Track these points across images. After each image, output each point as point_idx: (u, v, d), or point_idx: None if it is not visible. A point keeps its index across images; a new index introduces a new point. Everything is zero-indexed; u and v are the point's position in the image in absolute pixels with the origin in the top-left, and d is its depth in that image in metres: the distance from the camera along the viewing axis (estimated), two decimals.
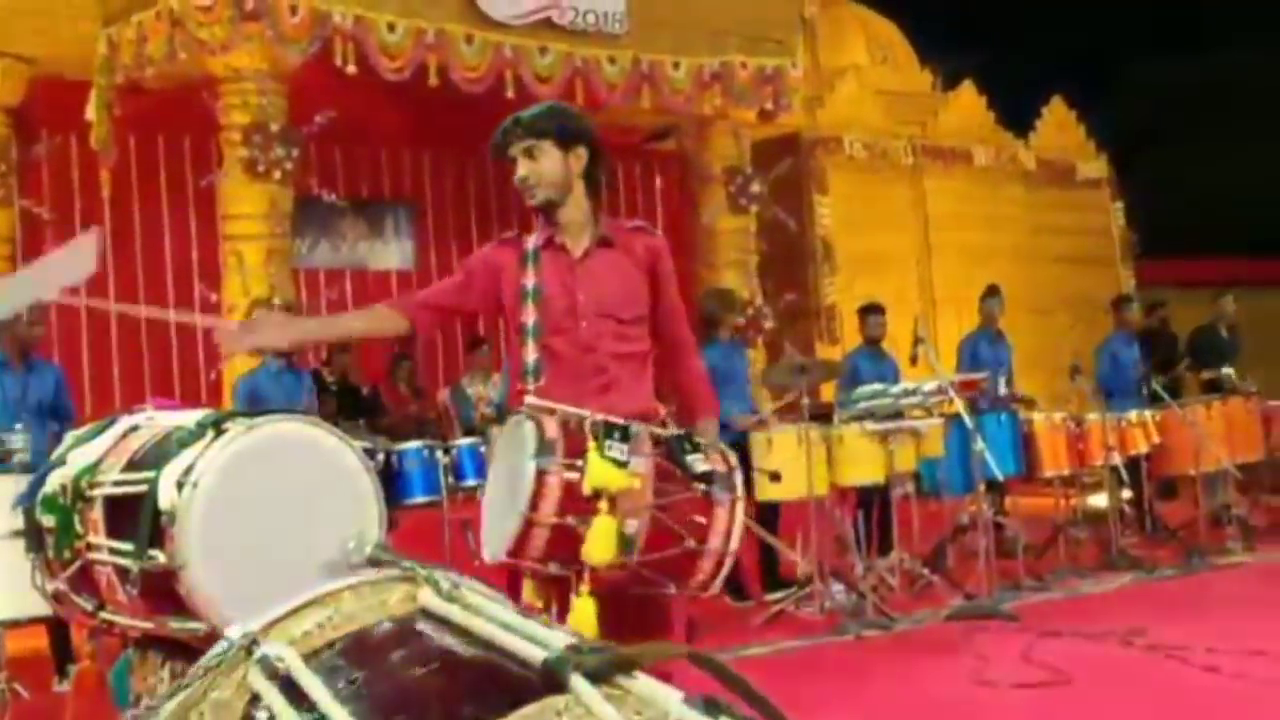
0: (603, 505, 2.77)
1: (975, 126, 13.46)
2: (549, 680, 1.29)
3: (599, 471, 2.78)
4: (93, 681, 4.02)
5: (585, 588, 2.81)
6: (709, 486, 2.87)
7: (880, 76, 13.49)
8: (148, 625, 2.78)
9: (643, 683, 1.29)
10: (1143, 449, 8.20)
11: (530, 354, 3.20)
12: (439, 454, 6.57)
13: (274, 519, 2.68)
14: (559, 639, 1.39)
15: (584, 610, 2.80)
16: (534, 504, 2.76)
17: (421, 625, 1.58)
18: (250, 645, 1.56)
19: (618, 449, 2.83)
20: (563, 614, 2.81)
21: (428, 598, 1.61)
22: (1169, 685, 5.18)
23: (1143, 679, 5.29)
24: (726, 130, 10.73)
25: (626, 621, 2.86)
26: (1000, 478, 7.14)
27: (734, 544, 2.85)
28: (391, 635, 1.58)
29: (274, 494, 2.72)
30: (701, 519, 2.86)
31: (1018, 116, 14.18)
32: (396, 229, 11.18)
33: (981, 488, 7.06)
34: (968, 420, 6.78)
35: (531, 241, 3.31)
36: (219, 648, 1.59)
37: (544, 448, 2.80)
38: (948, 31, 14.76)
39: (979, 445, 6.71)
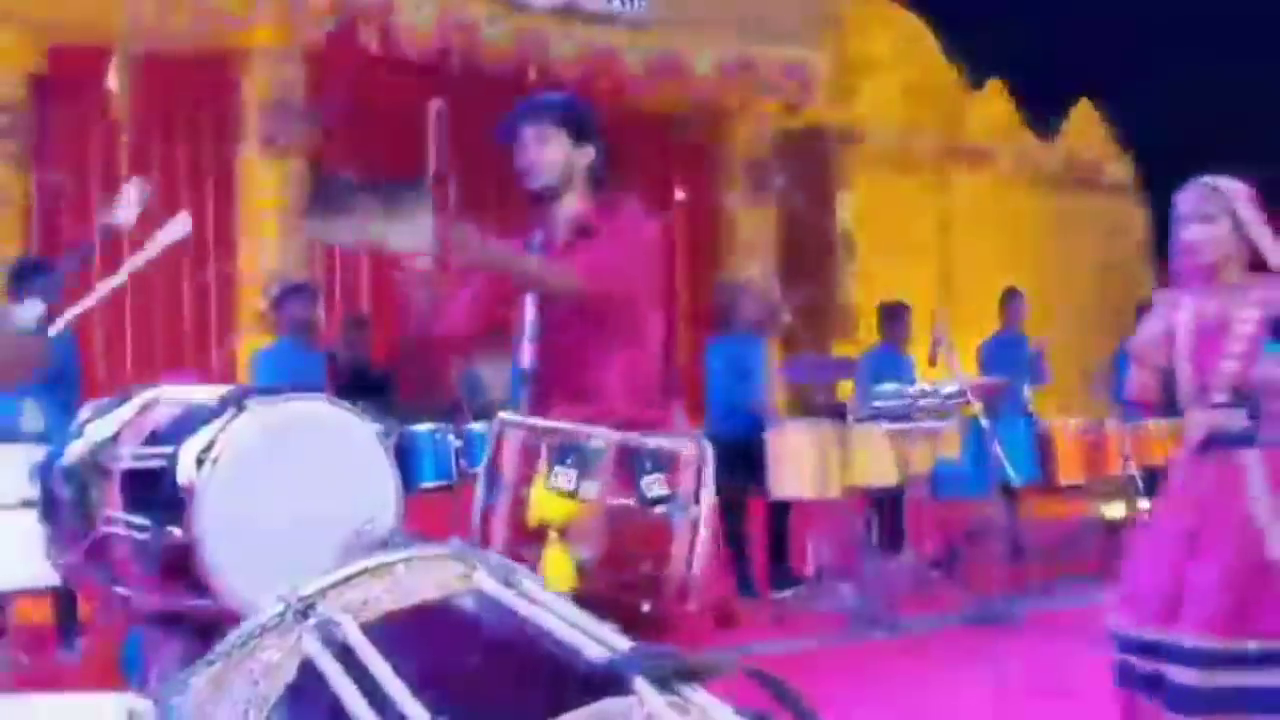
0: (552, 535, 2.73)
1: (1001, 126, 13.35)
2: (613, 681, 1.25)
3: (542, 504, 2.74)
4: (102, 653, 4.01)
5: None
6: (665, 509, 2.78)
7: (905, 71, 13.37)
8: (162, 601, 2.75)
9: (701, 694, 1.27)
10: (1160, 459, 8.10)
11: (526, 356, 3.14)
12: (451, 437, 6.52)
13: (291, 498, 2.68)
14: (621, 641, 1.35)
15: None
16: (485, 538, 2.74)
17: (480, 608, 1.53)
18: (307, 609, 1.49)
19: (565, 476, 2.74)
20: None
21: (484, 580, 1.56)
22: None
23: None
24: (749, 121, 10.65)
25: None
26: (1016, 483, 7.07)
27: (695, 567, 2.76)
28: (452, 616, 1.54)
29: (292, 473, 2.72)
30: (659, 544, 2.77)
31: (1044, 117, 14.06)
32: (413, 209, 11.12)
33: (997, 492, 6.99)
34: (985, 424, 6.71)
35: (537, 239, 3.30)
36: (274, 607, 1.52)
37: (492, 479, 2.78)
38: (975, 26, 14.61)
39: (996, 449, 6.64)
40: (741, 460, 6.34)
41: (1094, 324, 12.32)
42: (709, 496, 2.82)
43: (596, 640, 1.34)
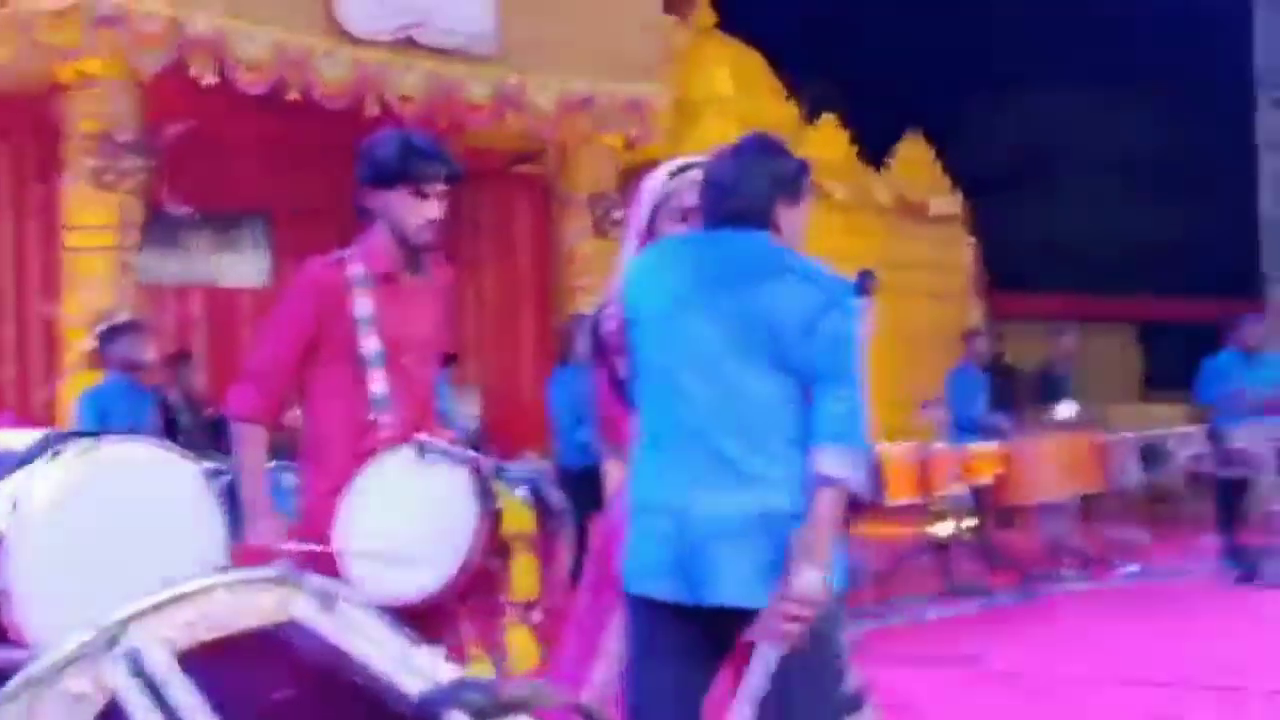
0: (518, 545, 2.93)
1: (836, 160, 13.74)
2: (427, 713, 1.27)
3: (518, 515, 2.90)
4: None
5: (512, 620, 2.92)
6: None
7: (744, 107, 13.67)
8: None
9: None
10: (986, 479, 8.43)
11: (378, 385, 3.17)
12: (288, 475, 6.40)
13: (110, 544, 2.60)
14: (441, 671, 1.35)
15: (525, 640, 2.91)
16: (474, 546, 2.83)
17: (296, 637, 1.51)
18: (113, 637, 1.44)
19: (519, 491, 2.93)
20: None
21: (302, 607, 1.54)
22: (1005, 711, 5.33)
23: (980, 705, 5.44)
24: (592, 156, 10.76)
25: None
26: (866, 501, 7.25)
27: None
28: (264, 645, 1.51)
29: (110, 518, 2.64)
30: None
31: (875, 151, 14.53)
32: (252, 244, 10.95)
33: None
34: None
35: (358, 266, 3.26)
36: (80, 634, 1.47)
37: (483, 491, 2.87)
38: (810, 64, 15.04)
39: None
40: (585, 487, 6.39)
41: (926, 352, 12.74)
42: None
43: (415, 671, 1.36)
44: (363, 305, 3.19)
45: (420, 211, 3.25)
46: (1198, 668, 5.73)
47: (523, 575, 2.87)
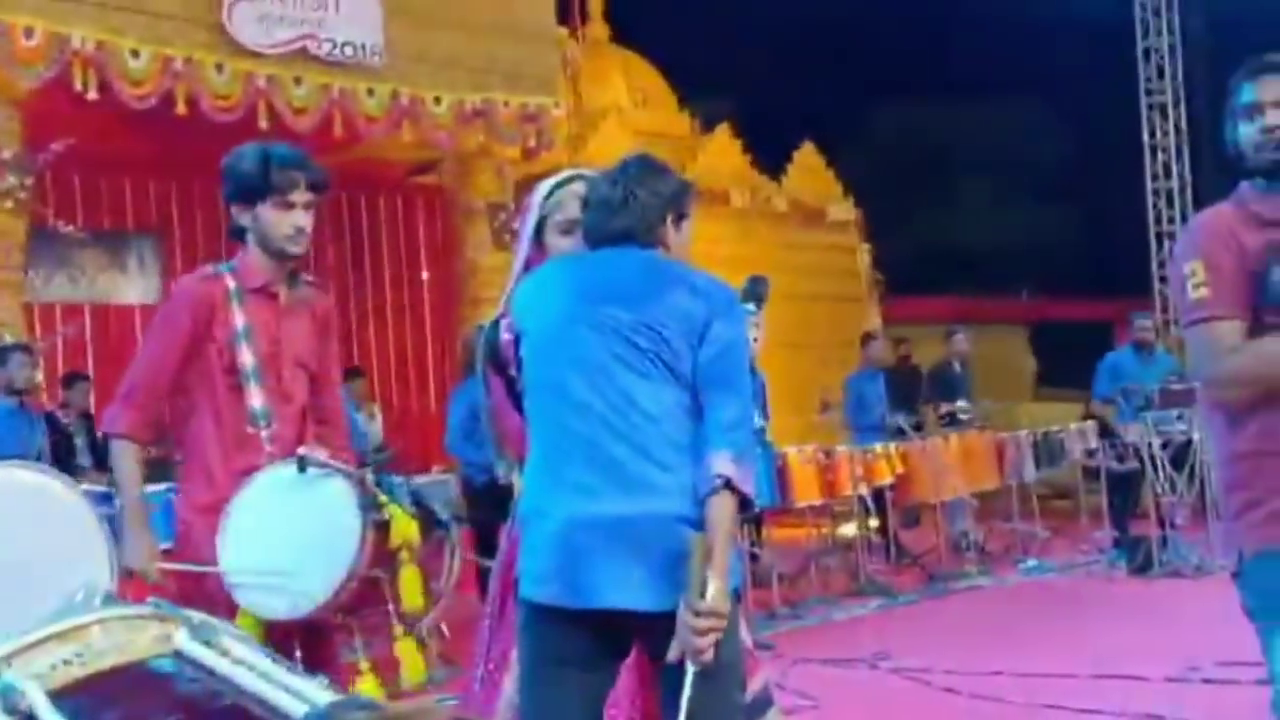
0: (405, 555, 2.89)
1: (732, 169, 13.88)
2: None
3: (403, 524, 2.91)
4: None
5: (400, 632, 2.92)
6: None
7: (641, 118, 13.77)
8: None
9: None
10: (888, 479, 8.55)
11: (256, 399, 3.15)
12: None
13: None
14: (321, 694, 1.34)
15: (411, 653, 2.90)
16: (360, 559, 2.81)
17: (176, 669, 1.48)
18: None
19: (406, 502, 2.94)
20: (309, 663, 2.77)
21: (183, 640, 1.50)
22: (913, 707, 5.40)
23: (887, 701, 5.50)
24: (489, 167, 10.72)
25: (318, 661, 2.92)
26: (756, 509, 7.31)
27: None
28: (145, 679, 1.47)
29: None
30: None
31: (772, 160, 14.69)
32: (141, 261, 10.72)
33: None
34: None
35: (232, 281, 3.23)
36: None
37: (367, 502, 2.87)
38: (706, 76, 15.17)
39: None
40: (489, 498, 6.37)
41: (825, 356, 12.90)
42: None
43: (298, 696, 1.34)
44: (239, 319, 3.16)
45: (288, 222, 3.19)
46: (1099, 658, 5.86)
47: (410, 587, 2.85)
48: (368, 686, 2.89)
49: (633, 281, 2.64)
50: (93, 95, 7.93)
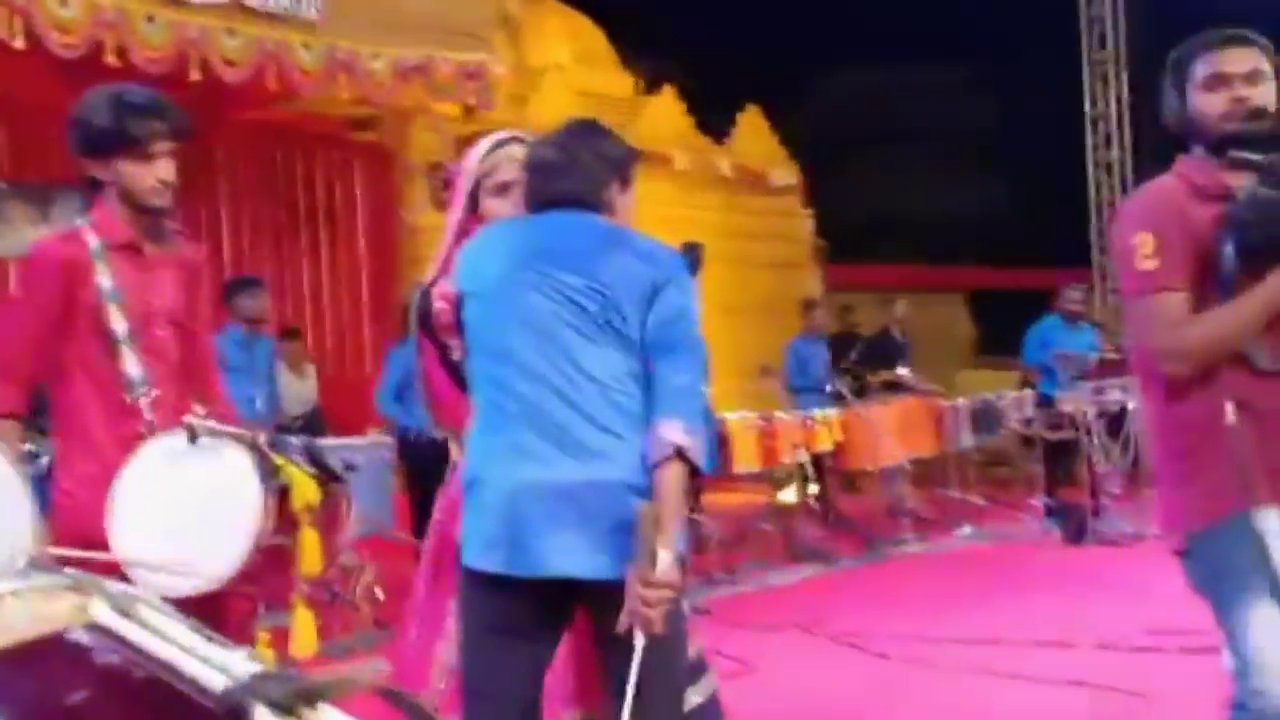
0: (305, 518, 2.86)
1: (675, 131, 13.77)
2: (230, 710, 1.22)
3: (305, 487, 2.89)
4: None
5: (298, 600, 2.88)
6: None
7: (582, 77, 13.61)
8: None
9: (328, 714, 1.24)
10: (827, 446, 8.57)
11: (131, 364, 2.99)
12: None
13: None
14: (243, 666, 1.30)
15: (306, 622, 2.87)
16: (263, 526, 2.75)
17: (93, 641, 1.42)
18: None
19: (306, 464, 2.90)
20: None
21: (100, 611, 1.44)
22: (845, 672, 5.43)
23: (821, 666, 5.52)
24: (428, 125, 10.57)
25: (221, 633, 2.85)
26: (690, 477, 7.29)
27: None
28: (60, 651, 1.41)
29: None
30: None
31: (715, 123, 14.61)
32: (69, 215, 10.46)
33: None
34: None
35: (95, 238, 3.04)
36: None
37: (266, 469, 2.79)
38: (649, 35, 15.05)
39: None
40: (429, 460, 6.29)
41: (766, 321, 12.89)
42: None
43: (219, 668, 1.30)
44: (105, 279, 2.99)
45: (150, 175, 3.03)
46: (1031, 625, 5.92)
47: (309, 550, 2.80)
48: (266, 660, 2.84)
49: (580, 245, 2.60)
50: (19, 44, 7.68)
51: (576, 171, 2.65)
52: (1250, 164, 2.52)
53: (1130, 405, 8.39)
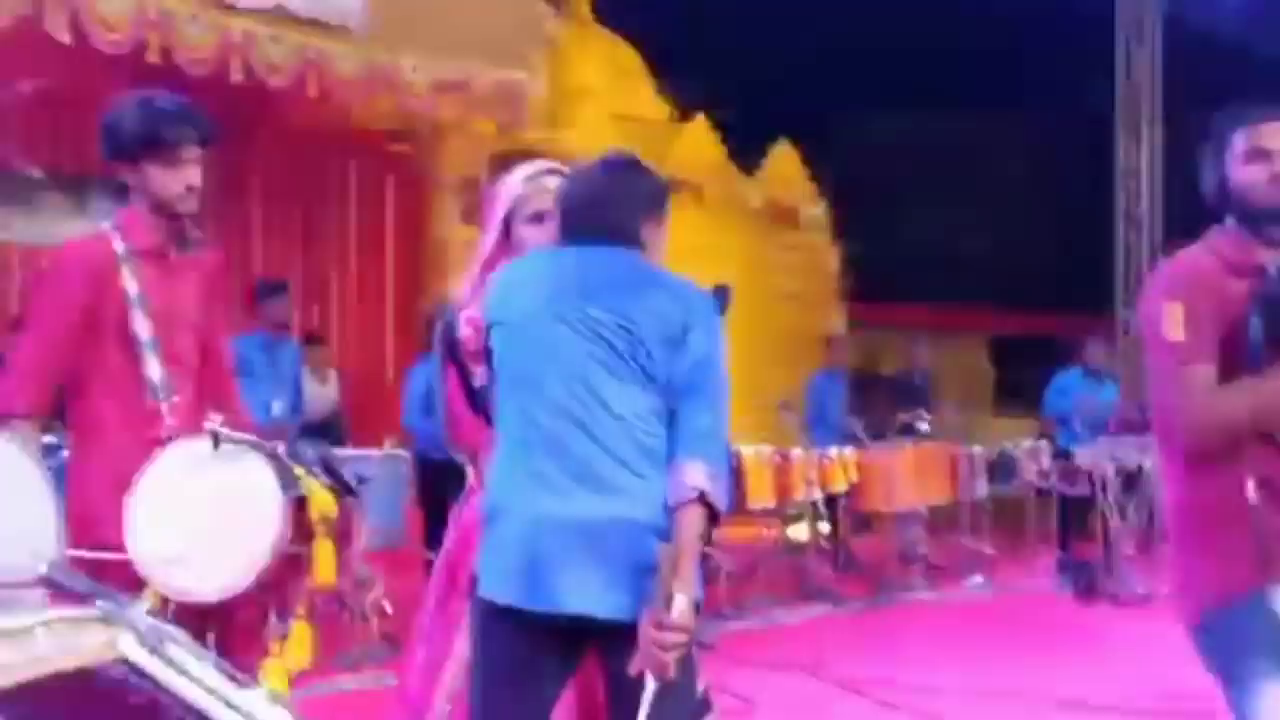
0: (321, 529, 2.82)
1: (706, 161, 13.79)
2: None
3: (322, 499, 2.83)
4: None
5: (302, 612, 2.86)
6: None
7: (618, 101, 13.65)
8: None
9: None
10: (842, 486, 8.54)
11: (154, 369, 3.00)
12: None
13: None
14: (268, 712, 1.29)
15: (303, 635, 2.88)
16: (280, 536, 2.75)
17: (122, 678, 1.42)
18: None
19: (322, 475, 2.89)
20: (223, 642, 2.74)
21: (129, 646, 1.44)
22: (847, 717, 5.39)
23: (823, 711, 5.49)
24: (463, 140, 10.61)
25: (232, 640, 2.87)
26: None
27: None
28: (90, 685, 1.42)
29: None
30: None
31: (747, 155, 14.62)
32: (105, 208, 10.52)
33: None
34: None
35: (121, 243, 3.05)
36: None
37: (286, 478, 2.79)
38: (687, 63, 15.08)
39: None
40: (446, 476, 6.30)
41: (788, 356, 12.86)
42: None
43: (242, 715, 1.29)
44: (130, 284, 2.99)
45: (179, 180, 3.04)
46: (1038, 682, 5.87)
47: (323, 561, 2.81)
48: (274, 669, 2.83)
49: (613, 281, 2.60)
50: (65, 38, 7.75)
51: (612, 206, 2.65)
52: None
53: (1147, 464, 8.34)
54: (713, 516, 2.48)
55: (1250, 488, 2.46)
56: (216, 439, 2.81)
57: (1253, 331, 2.47)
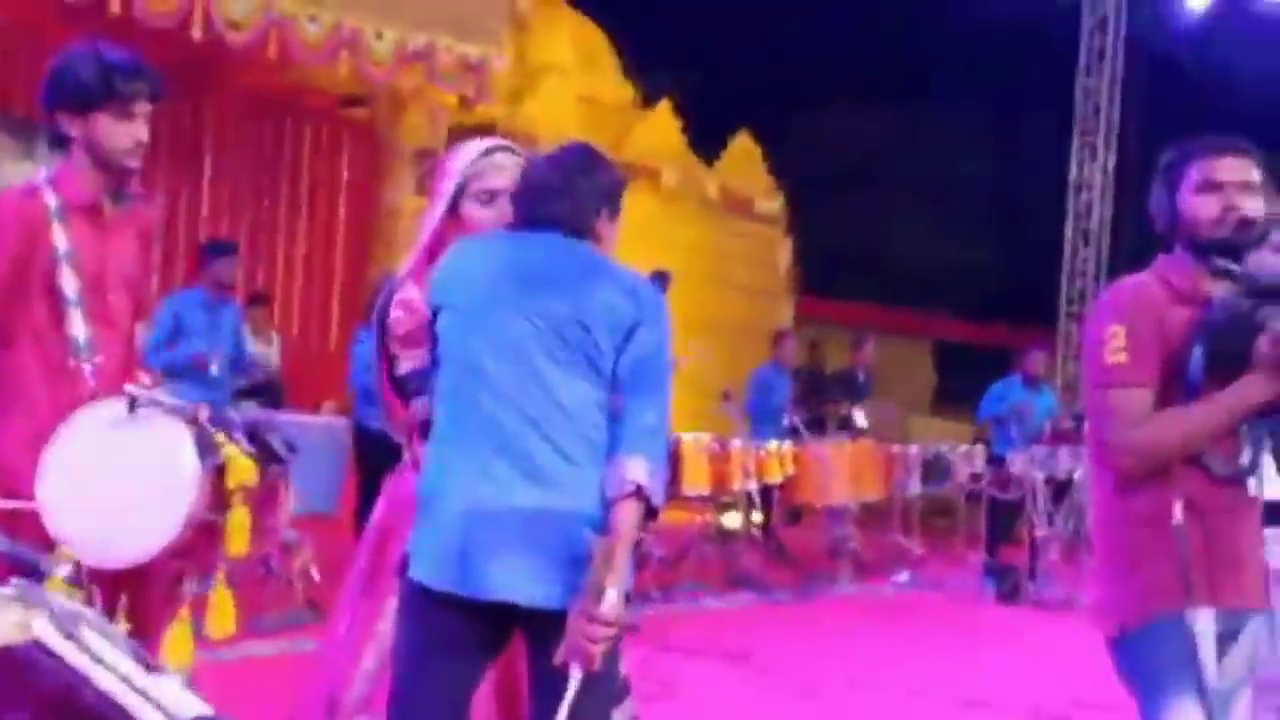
0: (238, 498, 2.76)
1: (667, 147, 13.81)
2: None
3: (242, 467, 2.76)
4: None
5: (221, 579, 2.82)
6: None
7: (583, 82, 13.63)
8: None
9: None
10: (777, 478, 8.62)
11: (78, 327, 2.94)
12: None
13: None
14: (182, 703, 1.29)
15: (225, 603, 2.83)
16: (196, 503, 2.69)
17: (32, 658, 1.41)
18: None
19: (245, 443, 2.81)
20: (135, 606, 2.77)
21: (43, 629, 1.43)
22: (768, 705, 5.46)
23: (744, 698, 5.55)
24: (423, 110, 10.57)
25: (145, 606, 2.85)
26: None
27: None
28: (7, 662, 1.41)
29: None
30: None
31: (707, 144, 14.65)
32: (51, 151, 10.38)
33: None
34: None
35: (54, 196, 2.97)
36: None
37: (206, 447, 2.73)
38: (654, 49, 15.08)
39: None
40: (383, 445, 6.29)
41: (734, 345, 12.94)
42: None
43: (155, 706, 1.30)
44: (61, 239, 2.93)
45: (128, 134, 2.97)
46: (957, 681, 5.98)
47: (237, 530, 2.76)
48: (181, 635, 2.79)
49: (565, 273, 2.60)
50: None
51: (569, 196, 2.64)
52: (1230, 274, 2.55)
53: (1077, 474, 8.49)
54: (649, 512, 2.51)
55: (1177, 510, 2.51)
56: (134, 401, 2.74)
57: (1194, 360, 2.51)
